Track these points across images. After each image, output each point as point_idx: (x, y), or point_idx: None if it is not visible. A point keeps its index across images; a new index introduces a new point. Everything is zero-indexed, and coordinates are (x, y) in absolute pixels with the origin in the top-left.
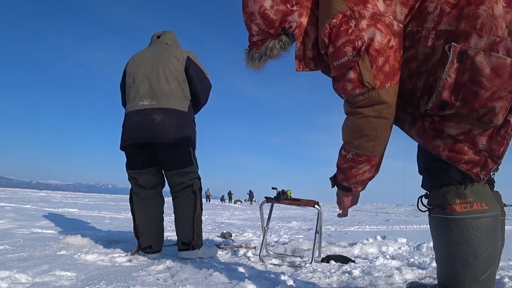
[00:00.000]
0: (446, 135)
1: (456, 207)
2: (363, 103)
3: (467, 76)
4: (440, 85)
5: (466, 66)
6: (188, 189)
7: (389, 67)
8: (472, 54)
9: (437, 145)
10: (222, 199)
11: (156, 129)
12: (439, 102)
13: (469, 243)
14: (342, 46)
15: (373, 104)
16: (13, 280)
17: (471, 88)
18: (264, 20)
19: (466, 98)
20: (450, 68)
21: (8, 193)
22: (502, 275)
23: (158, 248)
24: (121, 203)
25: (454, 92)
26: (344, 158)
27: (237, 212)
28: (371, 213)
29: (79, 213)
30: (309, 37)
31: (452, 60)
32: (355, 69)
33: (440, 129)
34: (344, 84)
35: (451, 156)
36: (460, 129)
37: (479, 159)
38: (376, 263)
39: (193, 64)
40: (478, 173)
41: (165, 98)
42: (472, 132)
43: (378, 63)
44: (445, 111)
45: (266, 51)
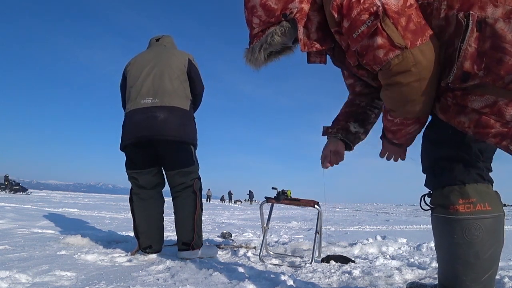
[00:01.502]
0: (470, 109)
1: (459, 207)
2: (399, 68)
3: (488, 44)
4: (461, 56)
5: (486, 34)
6: (189, 189)
7: (415, 24)
8: (491, 22)
9: (461, 121)
10: (222, 199)
11: (159, 126)
12: (460, 74)
13: (472, 243)
14: (358, 15)
15: (410, 67)
16: (13, 280)
17: (494, 55)
18: (265, 11)
19: (489, 66)
20: (470, 37)
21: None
22: (502, 275)
23: (158, 248)
24: (121, 203)
25: (476, 61)
26: (392, 122)
27: (237, 212)
28: (371, 213)
29: (79, 213)
30: (311, 21)
31: (472, 29)
32: (382, 34)
33: (463, 103)
34: (374, 53)
35: (477, 132)
36: (484, 102)
37: (508, 130)
38: (376, 263)
39: (194, 67)
40: (508, 145)
41: (167, 96)
42: (498, 103)
43: (401, 23)
44: (467, 82)
45: (266, 38)
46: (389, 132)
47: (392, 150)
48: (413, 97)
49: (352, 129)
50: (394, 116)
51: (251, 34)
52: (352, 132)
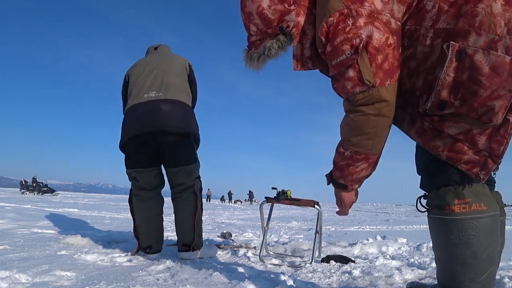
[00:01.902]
0: (445, 135)
1: (455, 207)
2: (363, 101)
3: (466, 75)
4: (439, 84)
5: (465, 65)
6: (189, 190)
7: (388, 64)
8: (471, 52)
9: (436, 145)
10: (222, 199)
11: (164, 117)
12: (438, 102)
13: (468, 243)
14: (340, 44)
15: (373, 102)
16: (13, 280)
17: (470, 87)
18: (262, 20)
19: (465, 97)
20: (449, 67)
21: (8, 193)
22: (502, 275)
23: (158, 248)
24: (121, 203)
25: (453, 91)
26: (342, 156)
27: (237, 212)
28: (371, 213)
29: (79, 213)
30: (306, 36)
31: (451, 59)
32: (354, 67)
33: (439, 129)
34: (343, 83)
35: (451, 156)
36: (460, 129)
37: (479, 158)
38: (376, 263)
39: (193, 73)
40: (478, 173)
41: (171, 90)
42: (472, 131)
43: (377, 61)
44: (444, 110)
45: (264, 50)
46: (337, 169)
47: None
48: (368, 130)
49: None
50: (346, 148)
51: (249, 40)
52: None
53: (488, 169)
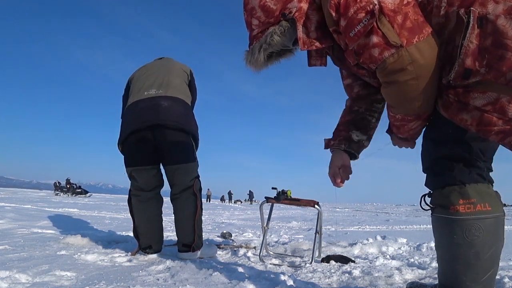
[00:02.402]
0: (471, 107)
1: (460, 207)
2: (395, 66)
3: (490, 40)
4: (463, 53)
5: (487, 30)
6: (189, 190)
7: (411, 22)
8: (492, 18)
9: (463, 119)
10: (222, 199)
11: (164, 112)
12: (462, 71)
13: (472, 244)
14: (354, 14)
15: (406, 66)
16: (13, 280)
17: (496, 52)
18: (264, 12)
19: (491, 63)
20: (471, 34)
21: (8, 193)
22: (502, 275)
23: (158, 248)
24: (121, 203)
25: (478, 58)
26: (394, 118)
27: (237, 212)
28: (371, 213)
29: (79, 213)
30: (310, 20)
31: (473, 25)
32: (377, 33)
33: (465, 101)
34: (370, 52)
35: (480, 129)
36: (487, 99)
37: (510, 128)
38: (376, 263)
39: (193, 79)
40: (511, 142)
41: (172, 89)
42: (500, 100)
43: (397, 21)
44: (469, 79)
45: (266, 38)
46: (394, 126)
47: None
48: (411, 95)
49: (355, 137)
50: (395, 113)
51: (250, 36)
52: (355, 141)
53: None
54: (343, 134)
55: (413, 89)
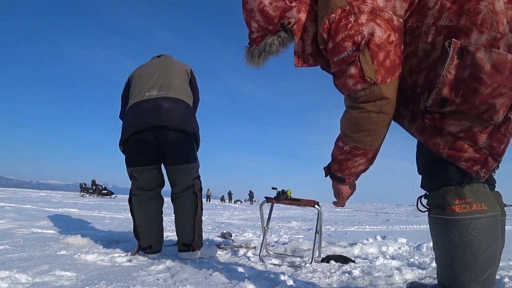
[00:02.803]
0: (446, 132)
1: (456, 207)
2: (364, 99)
3: (467, 72)
4: (440, 82)
5: (466, 62)
6: (189, 190)
7: (390, 62)
8: (472, 50)
9: (437, 143)
10: (222, 199)
11: (165, 114)
12: (439, 99)
13: (469, 243)
14: (341, 41)
15: (374, 100)
16: (13, 280)
17: (471, 84)
18: (263, 17)
19: (466, 95)
20: (450, 64)
21: (8, 193)
22: (502, 275)
23: (158, 248)
24: (121, 203)
25: (454, 88)
26: (341, 150)
27: (237, 212)
28: (371, 213)
29: (79, 213)
30: (308, 33)
31: (453, 56)
32: (356, 64)
33: (440, 126)
34: (345, 80)
35: (451, 154)
36: (460, 127)
37: (480, 156)
38: (376, 263)
39: (194, 78)
40: (478, 171)
41: (173, 89)
42: (473, 129)
43: (379, 58)
44: (445, 108)
45: (265, 47)
46: (336, 162)
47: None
48: (368, 127)
49: None
50: (345, 142)
51: (250, 36)
52: None
53: (488, 167)
54: None
55: (372, 121)
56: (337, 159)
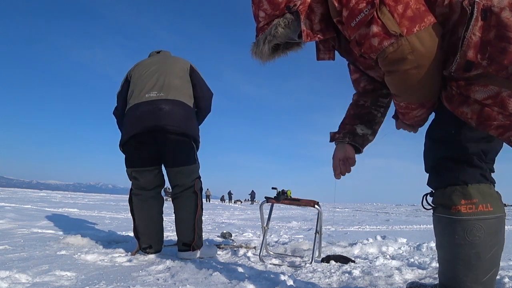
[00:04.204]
0: (472, 100)
1: (461, 207)
2: (395, 56)
3: (493, 33)
4: (465, 44)
5: (491, 23)
6: (189, 189)
7: (412, 11)
8: (497, 11)
9: (464, 112)
10: (222, 199)
11: (164, 117)
12: (463, 63)
13: (473, 244)
14: (356, 4)
15: (406, 55)
16: (13, 280)
17: (498, 45)
18: (270, 4)
19: (493, 56)
20: (474, 26)
21: (8, 193)
22: (502, 275)
23: (158, 248)
24: (121, 203)
25: (480, 50)
26: (398, 105)
27: (237, 212)
28: (371, 213)
29: (79, 213)
30: (314, 13)
31: (477, 18)
32: (377, 22)
33: (466, 94)
34: (369, 42)
35: (480, 123)
36: (488, 93)
37: (510, 123)
38: (376, 263)
39: (196, 72)
40: (510, 137)
41: (173, 91)
42: (501, 95)
43: (398, 10)
44: (471, 72)
45: (270, 30)
46: (399, 113)
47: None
48: (413, 84)
49: (359, 131)
50: (398, 101)
51: (257, 28)
52: (360, 134)
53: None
54: (348, 128)
55: (414, 78)
56: (399, 111)
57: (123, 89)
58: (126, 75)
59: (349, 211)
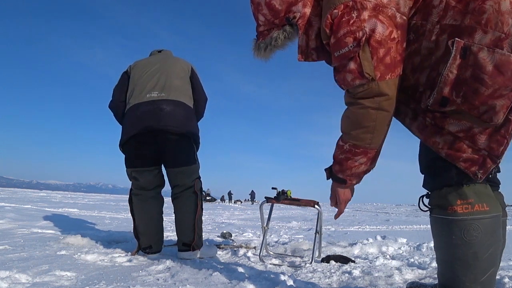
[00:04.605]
0: (446, 131)
1: (457, 208)
2: (362, 94)
3: (469, 72)
4: (442, 81)
5: (468, 62)
6: (189, 189)
7: (390, 59)
8: (475, 50)
9: (436, 142)
10: (222, 199)
11: (165, 117)
12: (440, 98)
13: (470, 244)
14: (343, 36)
15: (373, 96)
16: (13, 280)
17: (472, 85)
18: (270, 10)
19: (467, 95)
20: (452, 64)
21: (8, 193)
22: (502, 275)
23: (158, 248)
24: (121, 203)
25: (455, 88)
26: (341, 149)
27: (237, 212)
28: (371, 213)
29: (79, 213)
30: (312, 27)
31: (455, 56)
32: (356, 60)
33: (440, 125)
34: (344, 75)
35: (450, 154)
36: (460, 126)
37: (478, 157)
38: (376, 263)
39: (196, 75)
40: (476, 171)
41: (174, 91)
42: (472, 130)
43: (379, 54)
44: (446, 107)
45: (271, 41)
46: (337, 163)
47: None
48: (367, 123)
49: None
50: (345, 141)
51: (257, 29)
52: None
53: (486, 169)
54: None
55: (371, 118)
56: (338, 159)
57: (121, 82)
58: (127, 69)
59: (349, 211)
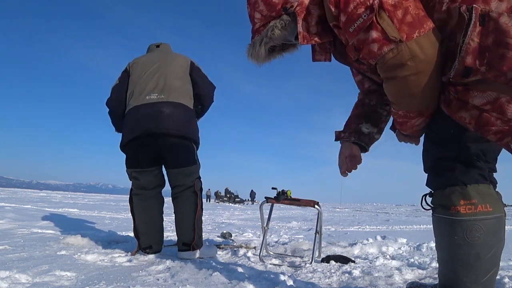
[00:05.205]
0: (470, 106)
1: (461, 208)
2: (394, 62)
3: (491, 39)
4: (463, 50)
5: (489, 28)
6: (189, 189)
7: (412, 17)
8: (495, 16)
9: (463, 117)
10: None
11: (165, 120)
12: (462, 69)
13: (472, 244)
14: (354, 9)
15: (405, 61)
16: (13, 280)
17: (497, 51)
18: (266, 6)
19: (492, 62)
20: (473, 31)
21: (8, 193)
22: (502, 275)
23: (158, 248)
24: (121, 203)
25: (478, 56)
26: (396, 114)
27: (237, 212)
28: (371, 213)
29: (79, 213)
30: (311, 15)
31: (475, 23)
32: (376, 28)
33: (464, 99)
34: (369, 47)
35: (478, 129)
36: (486, 98)
37: (509, 128)
38: (376, 263)
39: (196, 68)
40: (508, 143)
41: (173, 92)
42: (499, 100)
43: (397, 16)
44: (469, 77)
45: (267, 32)
46: (397, 123)
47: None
48: (412, 91)
49: (365, 130)
50: (397, 109)
51: (252, 30)
52: (365, 133)
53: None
54: (353, 127)
55: (414, 85)
56: (397, 121)
57: (121, 81)
58: (126, 67)
59: (349, 211)
